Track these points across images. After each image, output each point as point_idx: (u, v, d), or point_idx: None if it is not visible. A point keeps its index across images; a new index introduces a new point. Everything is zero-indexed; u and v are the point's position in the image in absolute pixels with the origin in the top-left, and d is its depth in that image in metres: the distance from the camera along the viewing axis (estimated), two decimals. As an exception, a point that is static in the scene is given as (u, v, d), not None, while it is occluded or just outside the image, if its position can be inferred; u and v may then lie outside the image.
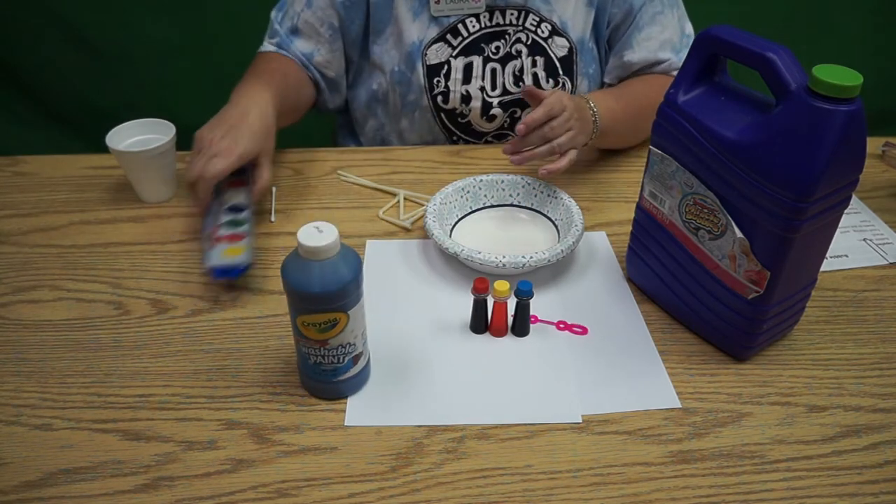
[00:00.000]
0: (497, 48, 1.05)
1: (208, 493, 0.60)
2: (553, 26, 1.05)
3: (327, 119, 1.28)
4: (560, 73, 1.07)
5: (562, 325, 0.77)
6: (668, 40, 1.05)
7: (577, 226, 0.83)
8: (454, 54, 1.04)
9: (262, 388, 0.70)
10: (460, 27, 1.04)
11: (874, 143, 1.08)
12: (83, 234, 0.90)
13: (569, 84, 1.08)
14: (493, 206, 0.93)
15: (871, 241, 0.91)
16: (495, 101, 1.07)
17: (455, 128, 1.11)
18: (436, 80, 1.05)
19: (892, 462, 0.64)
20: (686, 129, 0.68)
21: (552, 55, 1.06)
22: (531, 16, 1.04)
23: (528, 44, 1.05)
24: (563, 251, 0.80)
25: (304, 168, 1.04)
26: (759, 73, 0.62)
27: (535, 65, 1.06)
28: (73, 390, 0.69)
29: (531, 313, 0.76)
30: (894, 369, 0.73)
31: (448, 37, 1.04)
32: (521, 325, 0.75)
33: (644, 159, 0.76)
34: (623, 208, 0.96)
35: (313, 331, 0.63)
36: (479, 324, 0.76)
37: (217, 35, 1.67)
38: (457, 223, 0.90)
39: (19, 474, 0.61)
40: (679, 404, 0.69)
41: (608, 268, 0.86)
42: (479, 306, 0.75)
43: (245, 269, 0.78)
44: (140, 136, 0.95)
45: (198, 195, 0.82)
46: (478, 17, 1.03)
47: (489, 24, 1.04)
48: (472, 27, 1.04)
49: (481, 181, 0.92)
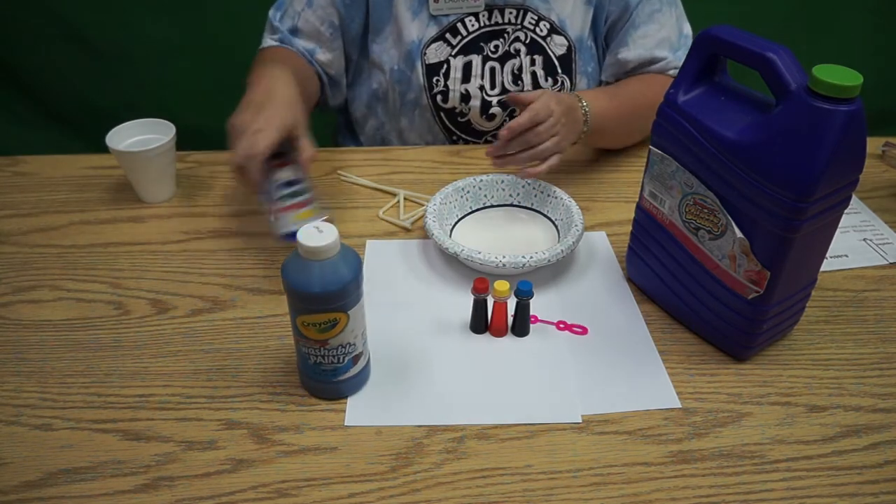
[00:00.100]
0: (496, 47, 1.05)
1: (208, 493, 0.60)
2: (552, 25, 1.05)
3: (328, 119, 1.28)
4: (559, 71, 1.07)
5: (562, 325, 0.77)
6: (666, 39, 1.05)
7: (577, 226, 0.83)
8: (453, 53, 1.04)
9: (262, 388, 0.70)
10: (459, 26, 1.04)
11: (874, 143, 1.08)
12: (83, 234, 0.90)
13: (567, 82, 1.08)
14: (493, 206, 0.93)
15: (871, 241, 0.91)
16: (494, 99, 1.07)
17: (455, 127, 1.11)
18: (435, 79, 1.05)
19: (892, 462, 0.64)
20: (686, 129, 0.68)
21: (551, 54, 1.06)
22: (530, 14, 1.04)
23: (527, 42, 1.05)
24: (563, 251, 0.80)
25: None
26: (759, 73, 0.62)
27: (533, 63, 1.06)
28: (73, 390, 0.69)
29: (531, 313, 0.76)
30: (894, 369, 0.73)
31: (447, 36, 1.04)
32: (521, 325, 0.75)
33: (644, 159, 0.76)
34: (623, 208, 0.96)
35: (313, 331, 0.63)
36: (479, 324, 0.76)
37: (217, 35, 1.67)
38: (457, 223, 0.90)
39: (19, 474, 0.61)
40: (679, 404, 0.69)
41: (608, 268, 0.86)
42: (479, 306, 0.75)
43: None
44: (140, 136, 0.95)
45: (251, 175, 0.76)
46: (477, 16, 1.03)
47: (488, 22, 1.04)
48: (472, 26, 1.04)
49: (481, 181, 0.92)
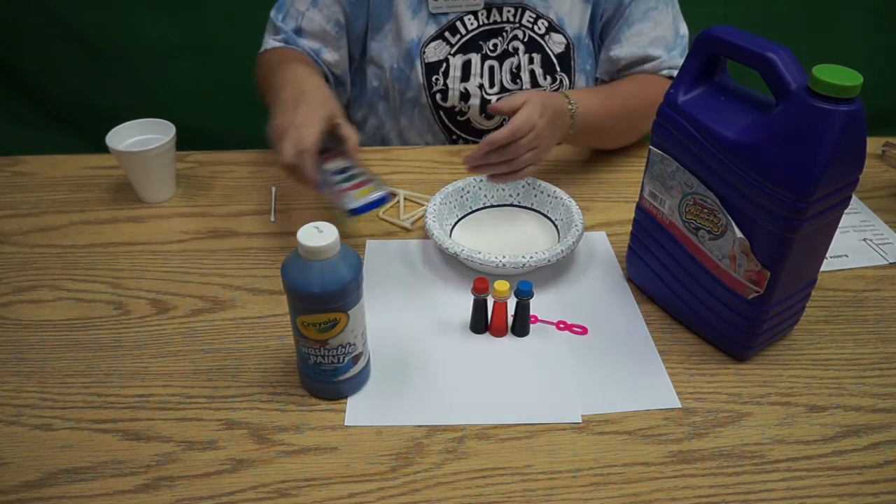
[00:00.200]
0: (494, 46, 1.05)
1: (208, 493, 0.60)
2: (550, 23, 1.05)
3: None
4: (557, 69, 1.07)
5: (562, 325, 0.77)
6: (661, 37, 1.04)
7: (577, 226, 0.83)
8: (452, 52, 1.04)
9: (262, 388, 0.70)
10: (458, 25, 1.04)
11: (874, 143, 1.08)
12: (83, 234, 0.90)
13: (566, 80, 1.08)
14: (493, 206, 0.93)
15: (871, 241, 0.91)
16: (494, 98, 1.07)
17: (454, 126, 1.11)
18: (434, 78, 1.05)
19: (892, 462, 0.64)
20: (686, 129, 0.68)
21: (549, 52, 1.06)
22: (528, 13, 1.04)
23: (525, 41, 1.05)
24: (563, 251, 0.80)
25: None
26: (759, 73, 0.62)
27: (532, 62, 1.06)
28: (73, 390, 0.69)
29: (531, 313, 0.76)
30: (894, 369, 0.73)
31: (446, 34, 1.04)
32: (521, 325, 0.75)
33: (644, 159, 0.76)
34: (623, 208, 0.96)
35: (313, 331, 0.63)
36: (479, 324, 0.76)
37: (217, 35, 1.67)
38: (457, 223, 0.90)
39: (19, 474, 0.61)
40: (679, 404, 0.69)
41: (608, 268, 0.86)
42: (479, 306, 0.75)
43: (385, 198, 0.79)
44: (140, 136, 0.95)
45: (305, 170, 0.76)
46: (476, 15, 1.04)
47: (486, 21, 1.04)
48: (471, 25, 1.04)
49: (481, 181, 0.92)
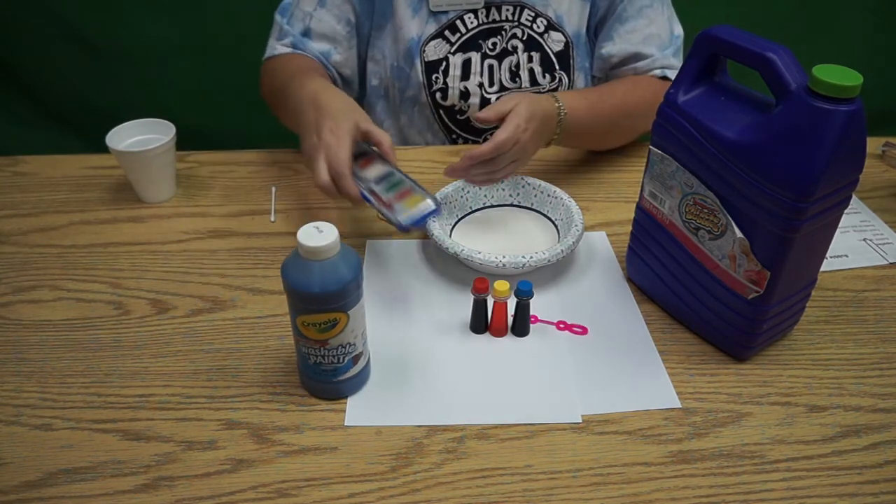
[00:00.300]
0: (494, 44, 1.05)
1: (208, 493, 0.60)
2: (548, 21, 1.05)
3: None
4: (556, 67, 1.07)
5: (562, 325, 0.77)
6: (655, 35, 1.03)
7: (577, 226, 0.83)
8: (452, 51, 1.04)
9: (262, 388, 0.70)
10: (458, 23, 1.04)
11: (874, 143, 1.08)
12: (83, 234, 0.90)
13: (565, 79, 1.08)
14: (493, 206, 0.93)
15: (871, 241, 0.91)
16: (493, 97, 1.07)
17: (454, 125, 1.11)
18: (434, 77, 1.05)
19: (892, 462, 0.64)
20: (686, 129, 0.68)
21: (548, 50, 1.06)
22: (526, 11, 1.04)
23: (524, 39, 1.05)
24: (563, 251, 0.80)
25: (304, 168, 1.03)
26: (759, 73, 0.62)
27: (531, 60, 1.06)
28: (73, 390, 0.69)
29: (531, 313, 0.76)
30: (894, 369, 0.73)
31: (446, 33, 1.04)
32: (521, 325, 0.75)
33: (644, 159, 0.76)
34: (623, 208, 0.96)
35: (313, 331, 0.63)
36: (479, 324, 0.76)
37: (217, 35, 1.67)
38: (457, 223, 0.90)
39: (19, 474, 0.61)
40: (679, 404, 0.69)
41: (608, 268, 0.86)
42: (479, 306, 0.75)
43: (437, 210, 0.77)
44: (140, 136, 0.95)
45: (346, 189, 0.76)
46: (476, 13, 1.04)
47: (486, 20, 1.04)
48: (471, 23, 1.04)
49: (481, 181, 0.92)
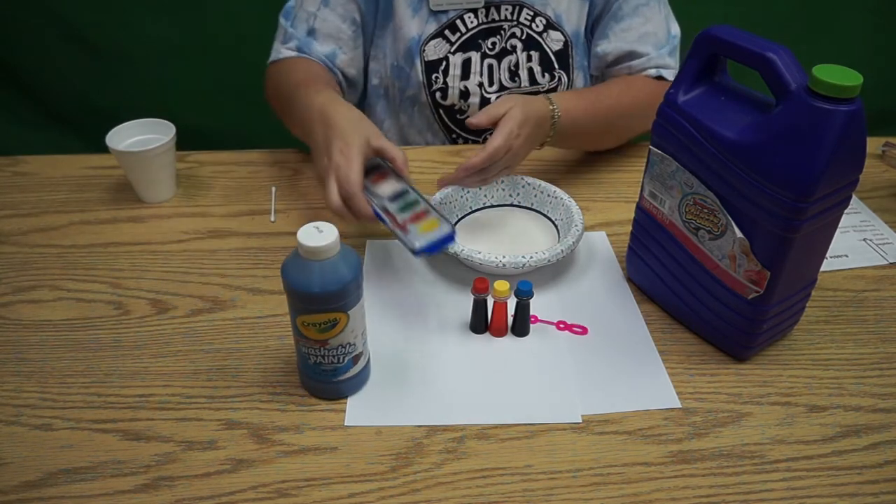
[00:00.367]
0: (493, 44, 1.05)
1: (208, 493, 0.60)
2: (547, 20, 1.05)
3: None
4: (556, 67, 1.07)
5: (562, 325, 0.77)
6: (650, 34, 1.03)
7: (577, 226, 0.83)
8: (452, 50, 1.04)
9: (262, 388, 0.70)
10: (458, 23, 1.04)
11: (874, 143, 1.08)
12: (83, 234, 0.90)
13: (565, 78, 1.08)
14: (493, 206, 0.93)
15: (871, 241, 0.91)
16: (493, 97, 1.07)
17: (454, 124, 1.11)
18: (434, 76, 1.05)
19: (892, 462, 0.64)
20: (686, 129, 0.68)
21: (547, 49, 1.06)
22: (525, 10, 1.04)
23: (523, 38, 1.05)
24: (563, 251, 0.80)
25: (304, 168, 1.04)
26: (759, 73, 0.62)
27: (530, 59, 1.06)
28: (73, 390, 0.69)
29: (531, 313, 0.76)
30: (894, 369, 0.73)
31: (446, 32, 1.04)
32: (521, 325, 0.75)
33: (644, 159, 0.76)
34: (623, 208, 0.96)
35: (313, 331, 0.63)
36: (479, 324, 0.76)
37: (217, 35, 1.67)
38: (457, 223, 0.90)
39: (19, 474, 0.61)
40: (679, 404, 0.69)
41: (608, 268, 0.86)
42: (479, 306, 0.75)
43: (451, 236, 0.74)
44: (140, 136, 0.95)
45: (358, 210, 0.75)
46: (476, 13, 1.04)
47: (485, 20, 1.04)
48: (471, 23, 1.04)
49: (481, 181, 0.92)
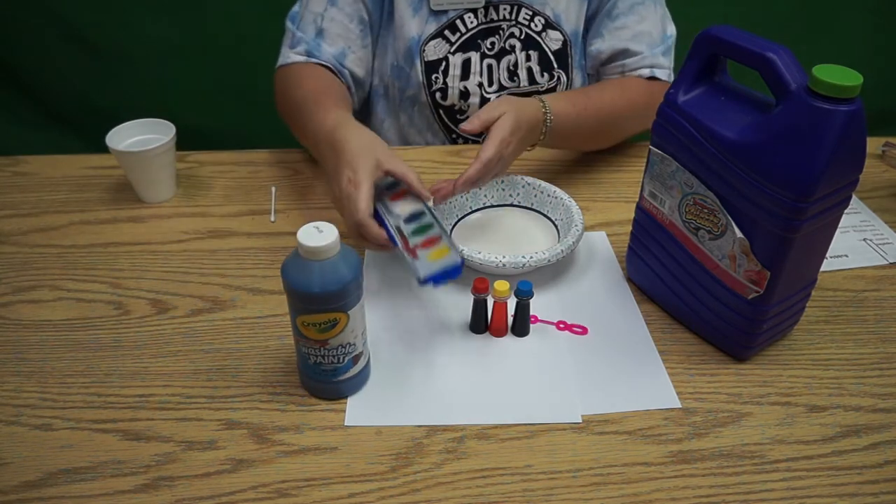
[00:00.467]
0: (492, 44, 1.05)
1: (208, 493, 0.60)
2: (546, 20, 1.05)
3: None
4: (555, 66, 1.07)
5: (562, 325, 0.77)
6: (645, 33, 1.03)
7: (577, 226, 0.83)
8: (452, 50, 1.04)
9: (262, 388, 0.70)
10: (458, 23, 1.04)
11: (874, 143, 1.08)
12: (83, 234, 0.90)
13: (564, 77, 1.08)
14: (493, 206, 0.93)
15: (871, 241, 0.91)
16: (493, 97, 1.07)
17: (454, 125, 1.11)
18: (434, 77, 1.05)
19: (892, 462, 0.64)
20: (686, 129, 0.68)
21: (546, 49, 1.06)
22: (524, 10, 1.04)
23: (522, 38, 1.05)
24: (563, 251, 0.80)
25: (304, 168, 1.04)
26: (759, 73, 0.62)
27: (529, 59, 1.06)
28: (73, 390, 0.69)
29: (531, 313, 0.76)
30: (894, 369, 0.73)
31: (446, 32, 1.04)
32: (521, 325, 0.75)
33: (644, 159, 0.76)
34: (623, 208, 0.96)
35: (313, 331, 0.63)
36: (479, 324, 0.76)
37: (217, 35, 1.67)
38: (457, 223, 0.90)
39: (19, 474, 0.61)
40: (679, 404, 0.69)
41: (608, 268, 0.86)
42: (479, 306, 0.75)
43: (460, 266, 0.70)
44: (140, 136, 0.95)
45: (371, 237, 0.74)
46: (475, 13, 1.04)
47: (484, 20, 1.04)
48: (471, 23, 1.04)
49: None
